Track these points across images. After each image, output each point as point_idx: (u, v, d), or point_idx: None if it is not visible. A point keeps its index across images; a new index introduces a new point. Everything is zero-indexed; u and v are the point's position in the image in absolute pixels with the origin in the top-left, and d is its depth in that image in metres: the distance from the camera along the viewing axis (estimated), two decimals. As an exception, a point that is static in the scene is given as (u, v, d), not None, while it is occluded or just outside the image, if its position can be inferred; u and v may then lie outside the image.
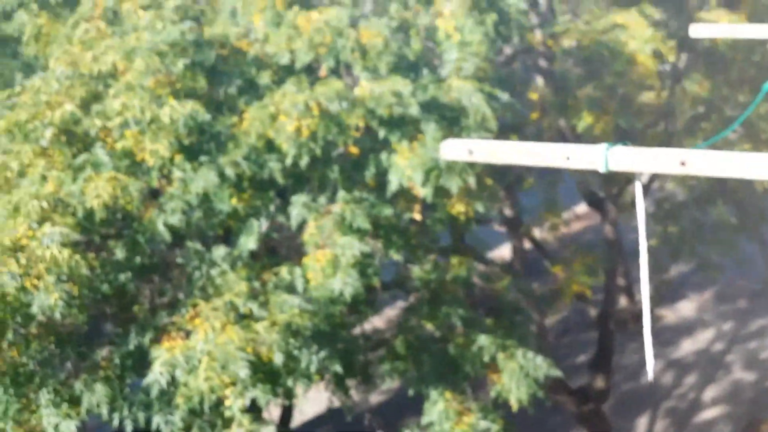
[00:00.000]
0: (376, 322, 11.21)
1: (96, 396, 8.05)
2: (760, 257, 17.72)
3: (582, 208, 20.81)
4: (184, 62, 8.66)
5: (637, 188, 3.10)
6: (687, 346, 20.62)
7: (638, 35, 11.30)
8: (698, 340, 20.87)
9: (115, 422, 8.35)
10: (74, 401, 8.15)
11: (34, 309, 7.54)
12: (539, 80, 14.35)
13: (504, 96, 9.22)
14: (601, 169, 2.92)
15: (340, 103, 8.30)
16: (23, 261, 7.58)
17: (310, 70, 9.55)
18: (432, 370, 9.61)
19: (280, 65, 9.39)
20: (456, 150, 3.16)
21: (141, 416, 8.19)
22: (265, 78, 9.16)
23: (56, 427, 8.03)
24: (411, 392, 9.65)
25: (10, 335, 7.88)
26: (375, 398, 16.68)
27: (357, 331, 10.75)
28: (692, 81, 14.21)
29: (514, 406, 9.18)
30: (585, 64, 13.40)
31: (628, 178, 15.27)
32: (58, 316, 7.54)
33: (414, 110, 8.51)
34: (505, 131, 11.03)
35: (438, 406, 9.16)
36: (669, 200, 18.36)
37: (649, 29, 11.40)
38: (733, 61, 13.92)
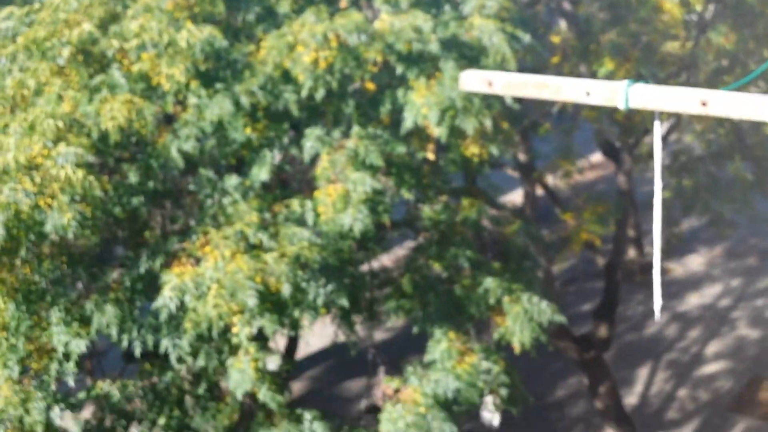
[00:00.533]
0: (385, 260, 11.26)
1: (106, 317, 8.16)
2: (773, 216, 17.63)
3: (597, 157, 20.67)
4: (203, -14, 8.54)
5: (656, 128, 3.07)
6: (693, 301, 20.70)
7: (667, -18, 11.05)
8: (705, 294, 20.92)
9: (124, 344, 8.49)
10: (84, 321, 8.27)
11: (48, 228, 7.61)
12: (562, 24, 14.10)
13: (526, 37, 9.06)
14: (622, 106, 2.88)
15: (359, 36, 8.19)
16: (38, 180, 7.62)
17: (330, 1, 9.41)
18: (437, 310, 9.69)
19: (300, -6, 9.25)
20: (475, 81, 3.12)
21: (149, 339, 8.31)
22: (284, 6, 9.03)
23: (66, 345, 8.17)
24: (415, 331, 9.74)
25: (23, 252, 7.97)
26: (379, 335, 16.88)
27: (365, 268, 10.83)
28: (718, 33, 13.92)
29: (517, 348, 9.27)
30: (610, 9, 13.13)
31: (645, 129, 15.12)
32: (70, 236, 7.60)
33: (434, 47, 8.38)
34: (525, 73, 10.87)
35: (441, 345, 9.26)
36: (686, 153, 18.21)
37: (679, -24, 11.14)
38: (762, 14, 13.61)
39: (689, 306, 20.47)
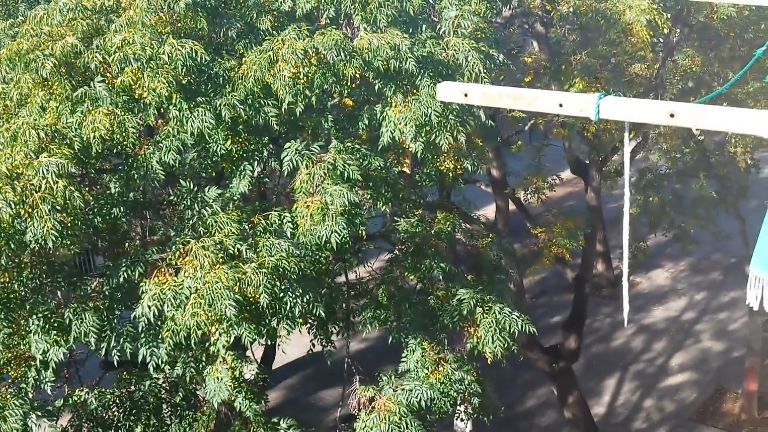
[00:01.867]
0: (361, 272, 11.45)
1: (85, 325, 8.20)
2: (737, 233, 18.10)
3: (567, 174, 21.08)
4: (185, 1, 8.70)
5: (625, 139, 3.28)
6: (658, 314, 21.14)
7: (635, 5, 11.41)
8: (670, 308, 21.37)
9: (102, 352, 8.54)
10: (63, 329, 8.31)
11: (28, 237, 7.65)
12: (534, 45, 14.45)
13: (499, 57, 9.35)
14: (593, 117, 3.04)
15: (339, 53, 8.40)
16: (19, 189, 7.68)
17: (311, 18, 9.62)
18: (412, 320, 9.89)
19: (281, 11, 9.45)
20: (451, 92, 3.28)
21: (128, 348, 8.37)
22: (265, 23, 9.22)
23: (44, 353, 8.20)
24: (390, 341, 9.93)
25: (3, 261, 8.02)
26: (355, 345, 17.06)
27: (341, 279, 11.00)
28: (684, 55, 14.37)
29: (489, 358, 9.49)
30: (580, 31, 13.51)
31: (614, 147, 15.51)
32: (50, 245, 7.64)
33: (410, 64, 8.62)
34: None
35: (416, 355, 9.45)
36: (652, 171, 18.65)
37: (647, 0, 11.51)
38: (727, 37, 14.08)
39: (655, 319, 20.89)
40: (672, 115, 2.98)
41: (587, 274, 16.10)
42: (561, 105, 3.13)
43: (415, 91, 8.83)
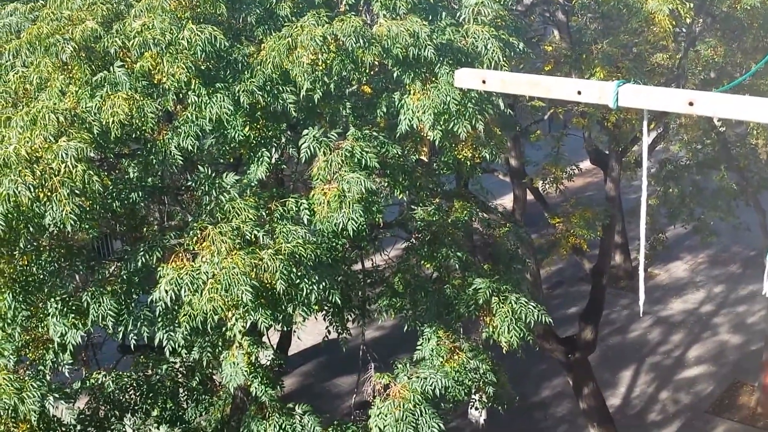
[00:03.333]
0: (377, 260, 11.46)
1: (102, 309, 8.25)
2: (756, 225, 17.92)
3: (586, 164, 20.94)
4: (205, -13, 8.69)
5: (644, 127, 3.23)
6: (676, 306, 21.00)
7: (658, -6, 11.28)
8: (688, 300, 21.23)
9: (120, 336, 8.61)
10: (81, 313, 8.36)
11: (47, 220, 7.68)
12: (555, 33, 14.33)
13: (519, 45, 9.27)
14: (612, 105, 3.00)
15: (357, 40, 8.36)
16: (38, 173, 7.70)
17: (330, 5, 9.59)
18: (427, 309, 9.88)
19: (300, -3, 9.42)
20: (470, 78, 3.24)
21: (145, 331, 8.42)
22: (284, 9, 9.20)
23: (62, 336, 8.27)
24: (406, 329, 9.94)
25: (22, 244, 8.08)
26: (370, 333, 17.08)
27: (358, 266, 11.01)
28: (707, 45, 14.21)
29: (505, 347, 9.47)
30: (602, 20, 13.38)
31: (634, 137, 15.38)
32: (69, 229, 7.68)
33: (429, 52, 8.56)
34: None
35: (431, 343, 9.45)
36: (672, 162, 18.50)
37: (669, -12, 11.37)
38: (750, 27, 13.89)
39: (672, 311, 20.76)
40: (691, 104, 2.92)
41: (605, 265, 16.00)
42: (579, 92, 3.09)
43: (433, 78, 8.78)
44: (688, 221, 18.58)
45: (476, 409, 13.29)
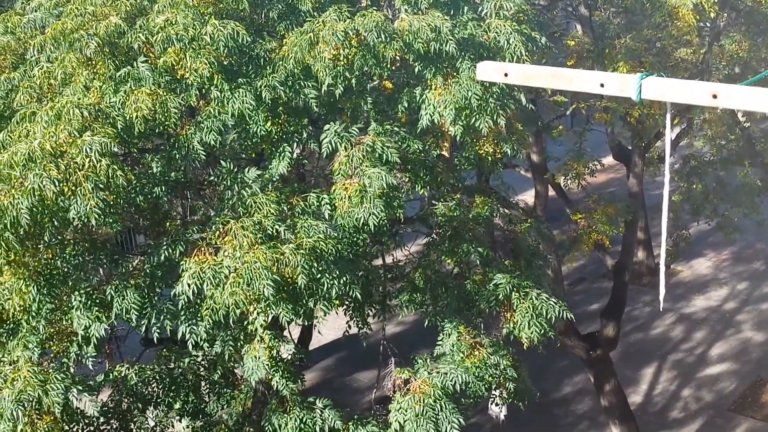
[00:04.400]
0: (398, 256, 11.46)
1: (126, 302, 8.32)
2: (781, 222, 17.75)
3: (609, 159, 20.81)
4: (228, -17, 8.73)
5: (667, 119, 3.21)
6: (699, 303, 20.83)
7: (682, -12, 11.17)
8: (711, 297, 21.05)
9: (143, 329, 8.68)
10: (105, 306, 8.44)
11: (71, 214, 7.75)
12: (578, 27, 14.24)
13: (542, 39, 9.22)
14: (635, 97, 2.97)
15: (379, 35, 8.36)
16: (63, 167, 7.78)
17: (351, 0, 9.59)
18: (448, 304, 9.88)
19: (321, -8, 9.43)
20: (491, 71, 3.23)
21: (168, 325, 8.49)
22: (306, 4, 9.21)
23: (86, 328, 8.35)
24: (426, 324, 9.94)
25: (46, 238, 8.17)
26: (391, 328, 17.11)
27: (378, 261, 11.02)
28: (731, 40, 14.06)
29: (525, 343, 9.44)
30: (625, 14, 13.28)
31: (657, 132, 15.26)
32: (93, 223, 7.75)
33: (451, 47, 8.55)
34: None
35: (451, 338, 9.43)
36: (696, 158, 18.34)
37: (694, -18, 11.26)
38: (776, 21, 13.73)
39: (695, 308, 20.60)
40: (715, 96, 2.89)
41: (627, 262, 15.91)
42: (602, 85, 3.06)
43: (455, 73, 8.76)
44: (712, 217, 18.42)
45: (496, 404, 13.27)
